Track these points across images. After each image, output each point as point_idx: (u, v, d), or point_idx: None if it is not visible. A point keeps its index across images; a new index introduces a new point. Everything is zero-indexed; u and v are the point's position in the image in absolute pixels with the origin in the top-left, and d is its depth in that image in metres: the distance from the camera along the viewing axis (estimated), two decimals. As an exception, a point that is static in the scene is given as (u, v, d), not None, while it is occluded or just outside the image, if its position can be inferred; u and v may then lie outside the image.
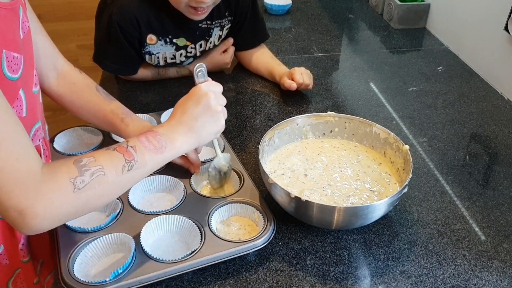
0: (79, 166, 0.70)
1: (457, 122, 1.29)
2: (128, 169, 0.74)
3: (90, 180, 0.70)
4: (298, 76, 1.31)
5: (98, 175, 0.71)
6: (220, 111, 0.86)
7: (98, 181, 0.71)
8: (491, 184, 1.08)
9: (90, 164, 0.71)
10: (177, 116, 0.84)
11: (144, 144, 0.78)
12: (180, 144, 0.82)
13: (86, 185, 0.70)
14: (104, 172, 0.72)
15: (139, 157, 0.76)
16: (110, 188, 0.74)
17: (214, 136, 0.89)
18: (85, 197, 0.70)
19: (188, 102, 0.85)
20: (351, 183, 0.98)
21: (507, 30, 1.37)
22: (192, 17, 1.22)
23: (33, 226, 0.67)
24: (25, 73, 0.81)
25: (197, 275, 0.84)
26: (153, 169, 0.80)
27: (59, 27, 2.51)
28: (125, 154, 0.75)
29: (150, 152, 0.78)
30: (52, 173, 0.69)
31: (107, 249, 0.85)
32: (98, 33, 1.34)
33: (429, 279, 0.85)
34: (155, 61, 1.35)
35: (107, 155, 0.75)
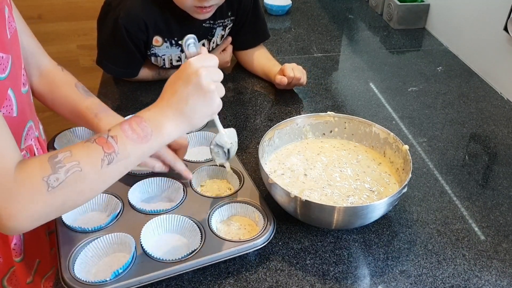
0: (53, 162, 0.66)
1: (456, 122, 1.29)
2: (108, 163, 0.69)
3: (65, 178, 0.66)
4: (289, 70, 1.31)
5: (74, 171, 0.66)
6: (213, 89, 0.75)
7: (74, 178, 0.66)
8: (491, 184, 1.09)
9: (65, 160, 0.66)
10: (166, 98, 0.75)
11: (127, 133, 0.71)
12: (169, 130, 0.74)
13: (60, 184, 0.65)
14: (81, 168, 0.67)
15: (120, 148, 0.70)
16: (89, 184, 0.69)
17: (208, 118, 0.80)
18: (61, 196, 0.66)
19: (177, 82, 0.76)
20: (351, 183, 0.99)
21: (507, 30, 1.37)
22: (196, 16, 1.23)
23: (10, 227, 0.65)
24: (13, 73, 0.80)
25: (197, 275, 0.84)
26: (139, 159, 0.73)
27: (59, 27, 2.50)
28: (104, 146, 0.69)
29: (133, 142, 0.71)
30: (24, 172, 0.65)
31: (108, 249, 0.85)
32: (102, 35, 1.34)
33: (428, 278, 0.86)
34: (160, 63, 1.35)
35: (84, 149, 0.69)
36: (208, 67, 0.76)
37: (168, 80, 0.77)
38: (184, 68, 0.76)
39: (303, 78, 1.34)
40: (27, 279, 0.93)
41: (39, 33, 2.65)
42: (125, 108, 1.22)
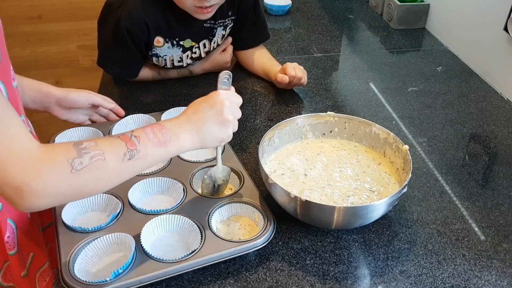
0: (78, 148, 0.70)
1: (456, 122, 1.29)
2: (129, 158, 0.74)
3: (88, 163, 0.70)
4: (290, 69, 1.31)
5: (98, 159, 0.71)
6: (230, 120, 0.85)
7: (97, 165, 0.70)
8: (491, 184, 1.09)
9: (90, 148, 0.71)
10: (188, 114, 0.84)
11: (149, 135, 0.77)
12: (184, 141, 0.81)
13: (84, 167, 0.69)
14: (104, 157, 0.71)
15: (142, 147, 0.76)
16: (108, 174, 0.73)
17: (218, 143, 0.88)
18: (83, 180, 0.70)
19: (203, 103, 0.85)
20: (351, 183, 0.99)
21: (507, 30, 1.37)
22: (197, 17, 1.23)
23: (29, 203, 0.67)
24: (2, 67, 0.81)
25: (197, 275, 0.84)
26: (155, 162, 0.79)
27: (59, 27, 2.50)
28: (127, 143, 0.75)
29: (154, 145, 0.77)
30: (50, 152, 0.68)
31: (108, 249, 0.85)
32: (103, 36, 1.34)
33: (428, 278, 0.86)
34: (162, 63, 1.35)
35: (109, 142, 0.74)
36: (233, 103, 0.87)
37: (194, 101, 0.86)
38: (212, 95, 0.86)
39: (304, 78, 1.34)
40: (22, 272, 0.93)
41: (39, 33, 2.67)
42: (125, 108, 1.22)
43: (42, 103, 1.08)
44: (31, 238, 0.95)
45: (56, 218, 0.90)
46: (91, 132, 1.12)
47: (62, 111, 1.11)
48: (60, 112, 1.11)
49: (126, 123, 1.16)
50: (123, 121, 1.16)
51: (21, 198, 0.66)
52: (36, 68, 2.44)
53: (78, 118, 1.16)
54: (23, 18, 2.37)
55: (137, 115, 1.17)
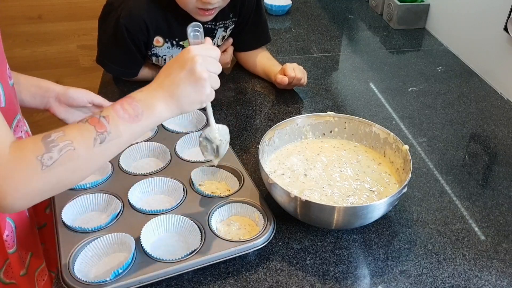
0: (46, 142, 0.67)
1: (456, 122, 1.29)
2: (100, 142, 0.70)
3: (58, 157, 0.67)
4: (290, 70, 1.31)
5: (67, 150, 0.68)
6: (205, 77, 0.76)
7: (68, 157, 0.68)
8: (491, 184, 1.09)
9: (59, 140, 0.68)
10: (160, 79, 0.77)
11: (118, 113, 0.72)
12: (159, 110, 0.75)
13: (54, 162, 0.67)
14: (74, 147, 0.68)
15: (113, 127, 0.71)
16: (82, 163, 0.70)
17: (198, 106, 0.80)
18: (56, 174, 0.67)
19: (174, 65, 0.77)
20: (351, 183, 0.99)
21: (507, 30, 1.37)
22: (199, 18, 1.23)
23: (7, 206, 0.66)
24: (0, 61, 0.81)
25: (197, 275, 0.84)
26: (131, 139, 0.75)
27: (59, 27, 2.50)
28: (96, 126, 0.70)
29: (125, 121, 0.72)
30: (18, 151, 0.66)
31: (108, 249, 0.85)
32: (103, 35, 1.34)
33: (428, 278, 0.86)
34: (161, 63, 1.35)
35: (77, 129, 0.71)
36: (206, 56, 0.78)
37: (166, 63, 0.79)
38: (182, 53, 0.78)
39: (304, 78, 1.34)
40: (21, 271, 0.93)
41: (39, 33, 2.67)
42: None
43: (42, 99, 1.06)
44: (29, 238, 0.95)
45: (56, 218, 0.90)
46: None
47: (61, 108, 1.09)
48: (59, 109, 1.09)
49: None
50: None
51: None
52: (36, 68, 2.44)
53: (76, 119, 1.12)
54: (23, 18, 2.37)
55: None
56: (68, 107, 1.10)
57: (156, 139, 1.11)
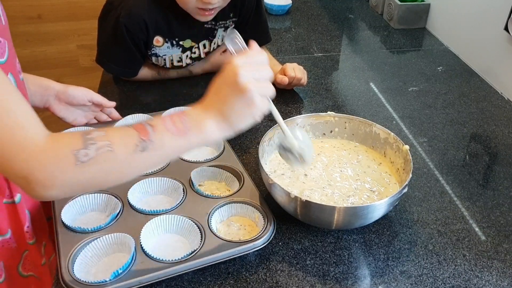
0: (85, 138, 0.66)
1: (457, 122, 1.29)
2: (141, 149, 0.68)
3: (94, 155, 0.65)
4: (290, 70, 1.31)
5: (105, 150, 0.66)
6: (250, 89, 0.70)
7: (105, 157, 0.66)
8: (491, 184, 1.08)
9: (98, 138, 0.67)
10: (209, 96, 0.74)
11: (166, 124, 0.70)
12: (209, 129, 0.72)
13: (89, 159, 0.65)
14: (113, 148, 0.67)
15: (157, 137, 0.69)
16: (119, 166, 0.69)
17: (251, 120, 0.73)
18: (90, 172, 0.66)
19: (218, 80, 0.74)
20: (351, 183, 0.98)
21: (507, 30, 1.37)
22: (199, 18, 1.23)
23: (38, 193, 0.66)
24: (10, 59, 0.81)
25: (197, 275, 0.84)
26: (175, 153, 0.73)
27: (59, 27, 2.50)
28: (140, 133, 0.68)
29: (171, 134, 0.70)
30: (55, 142, 0.66)
31: (107, 249, 0.85)
32: (103, 34, 1.34)
33: (429, 279, 0.85)
34: (161, 63, 1.35)
35: (120, 131, 0.70)
36: (250, 64, 0.73)
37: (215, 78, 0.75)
38: (225, 66, 0.73)
39: (304, 78, 1.34)
40: (42, 260, 0.95)
41: (39, 33, 2.67)
42: (125, 108, 1.22)
43: (42, 97, 1.06)
44: (42, 228, 0.96)
45: (55, 218, 0.90)
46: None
47: (61, 106, 1.09)
48: (58, 107, 1.09)
49: (126, 123, 1.16)
50: (122, 121, 1.16)
51: (30, 187, 0.65)
52: (36, 68, 2.44)
53: (76, 118, 1.13)
54: (23, 18, 2.37)
55: (137, 115, 1.17)
56: (67, 106, 1.10)
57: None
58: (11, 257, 0.89)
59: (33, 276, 0.95)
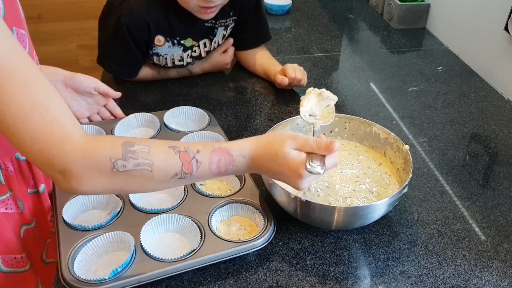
0: (126, 150, 0.68)
1: (457, 122, 1.29)
2: (179, 178, 0.72)
3: (132, 169, 0.68)
4: (290, 71, 1.31)
5: (144, 168, 0.69)
6: (304, 188, 0.78)
7: (141, 174, 0.69)
8: (491, 184, 1.08)
9: (140, 154, 0.69)
10: (261, 167, 0.78)
11: (212, 165, 0.74)
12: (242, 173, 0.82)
13: (126, 171, 0.68)
14: (152, 169, 0.69)
15: (198, 173, 0.73)
16: (152, 184, 0.72)
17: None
18: (123, 181, 0.69)
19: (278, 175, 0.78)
20: (351, 183, 0.98)
21: (507, 30, 1.37)
22: (200, 16, 1.23)
23: (72, 187, 0.68)
24: (30, 51, 0.83)
25: (197, 275, 0.84)
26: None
27: (59, 27, 2.50)
28: (184, 165, 0.71)
29: (212, 174, 0.75)
30: (95, 143, 0.68)
31: (107, 247, 0.85)
32: (103, 35, 1.34)
33: (429, 279, 0.85)
34: (162, 62, 1.35)
35: (164, 154, 0.71)
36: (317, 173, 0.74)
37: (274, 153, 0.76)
38: (292, 169, 0.75)
39: (304, 79, 1.34)
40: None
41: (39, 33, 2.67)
42: (125, 107, 1.22)
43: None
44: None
45: (56, 215, 0.90)
46: (93, 131, 1.12)
47: (67, 92, 1.10)
48: (64, 93, 1.10)
49: (128, 122, 1.16)
50: (125, 119, 1.16)
51: (65, 181, 0.67)
52: (35, 67, 2.44)
53: (80, 109, 1.14)
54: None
55: (139, 114, 1.17)
56: (74, 93, 1.11)
57: (159, 138, 1.10)
58: (36, 245, 0.91)
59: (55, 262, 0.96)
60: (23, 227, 0.90)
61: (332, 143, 0.74)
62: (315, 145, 0.75)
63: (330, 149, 0.74)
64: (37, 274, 0.94)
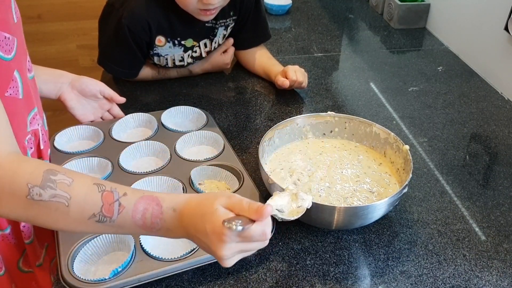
0: (47, 178, 0.64)
1: (457, 122, 1.29)
2: (97, 220, 0.65)
3: (47, 199, 0.63)
4: (291, 73, 1.31)
5: (59, 201, 0.63)
6: (226, 259, 0.68)
7: (56, 207, 0.64)
8: (491, 184, 1.08)
9: (60, 185, 0.64)
10: (189, 227, 0.68)
11: (136, 214, 0.66)
12: (173, 236, 0.71)
13: (41, 200, 0.63)
14: (69, 204, 0.64)
15: (120, 220, 0.66)
16: (67, 222, 0.66)
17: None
18: (37, 211, 0.64)
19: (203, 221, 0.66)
20: (351, 183, 0.98)
21: (507, 30, 1.37)
22: (200, 18, 1.23)
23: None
24: (18, 56, 0.81)
25: (197, 275, 0.84)
26: (128, 234, 0.72)
27: (59, 27, 2.50)
28: (105, 207, 0.65)
29: (135, 225, 0.67)
30: (17, 165, 0.64)
31: (107, 247, 0.85)
32: (104, 36, 1.34)
33: (429, 279, 0.85)
34: (163, 62, 1.35)
35: (86, 191, 0.65)
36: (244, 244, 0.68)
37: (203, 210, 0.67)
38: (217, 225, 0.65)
39: (305, 81, 1.34)
40: (37, 262, 0.94)
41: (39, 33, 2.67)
42: (125, 107, 1.22)
43: (55, 84, 1.08)
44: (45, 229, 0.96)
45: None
46: (91, 131, 1.12)
47: (72, 94, 1.10)
48: (70, 95, 1.10)
49: (126, 122, 1.16)
50: (123, 120, 1.16)
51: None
52: (35, 67, 2.44)
53: (85, 112, 1.14)
54: (22, 18, 2.35)
55: (137, 114, 1.17)
56: (79, 96, 1.12)
57: (156, 138, 1.10)
58: (11, 252, 0.89)
59: (32, 273, 0.96)
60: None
61: (263, 208, 0.65)
62: (246, 206, 0.67)
63: (259, 213, 0.65)
64: (12, 281, 0.92)
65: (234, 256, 0.68)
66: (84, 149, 1.07)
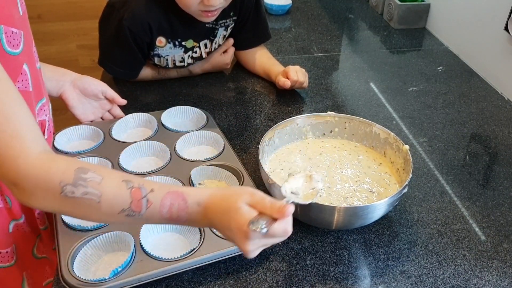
0: (78, 176, 0.67)
1: (457, 122, 1.29)
2: (126, 215, 0.69)
3: (80, 196, 0.66)
4: (293, 74, 1.31)
5: (91, 199, 0.67)
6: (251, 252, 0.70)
7: (88, 204, 0.67)
8: (491, 184, 1.08)
9: (90, 184, 0.67)
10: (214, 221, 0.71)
11: (163, 208, 0.69)
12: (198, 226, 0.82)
13: (74, 198, 0.66)
14: (100, 200, 0.67)
15: (147, 214, 0.69)
16: (98, 216, 0.70)
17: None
18: (70, 207, 0.68)
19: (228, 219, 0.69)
20: (351, 183, 0.98)
21: (507, 30, 1.37)
22: (202, 19, 1.23)
23: (25, 200, 0.67)
24: (26, 49, 0.82)
25: (197, 275, 0.84)
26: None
27: (59, 27, 2.50)
28: (133, 203, 0.68)
29: (162, 218, 0.71)
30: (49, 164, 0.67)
31: (107, 247, 0.85)
32: (104, 37, 1.34)
33: (429, 279, 0.85)
34: (163, 63, 1.35)
35: (116, 188, 0.68)
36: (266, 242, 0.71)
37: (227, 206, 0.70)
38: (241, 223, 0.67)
39: (306, 81, 1.34)
40: (53, 245, 0.96)
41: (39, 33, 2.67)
42: (125, 107, 1.22)
43: (57, 82, 1.08)
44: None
45: (55, 216, 0.89)
46: (91, 131, 1.12)
47: (74, 93, 1.11)
48: (72, 94, 1.10)
49: (126, 122, 1.16)
50: (123, 120, 1.16)
51: (18, 193, 0.67)
52: (35, 67, 2.44)
53: (85, 112, 1.15)
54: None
55: (137, 114, 1.17)
56: (81, 95, 1.12)
57: (156, 138, 1.10)
58: (25, 240, 0.91)
59: (46, 258, 0.97)
60: (12, 222, 0.89)
61: (285, 207, 0.68)
62: (269, 204, 0.69)
63: (282, 213, 0.68)
64: (23, 269, 0.93)
65: (257, 249, 0.72)
66: (84, 149, 1.07)
